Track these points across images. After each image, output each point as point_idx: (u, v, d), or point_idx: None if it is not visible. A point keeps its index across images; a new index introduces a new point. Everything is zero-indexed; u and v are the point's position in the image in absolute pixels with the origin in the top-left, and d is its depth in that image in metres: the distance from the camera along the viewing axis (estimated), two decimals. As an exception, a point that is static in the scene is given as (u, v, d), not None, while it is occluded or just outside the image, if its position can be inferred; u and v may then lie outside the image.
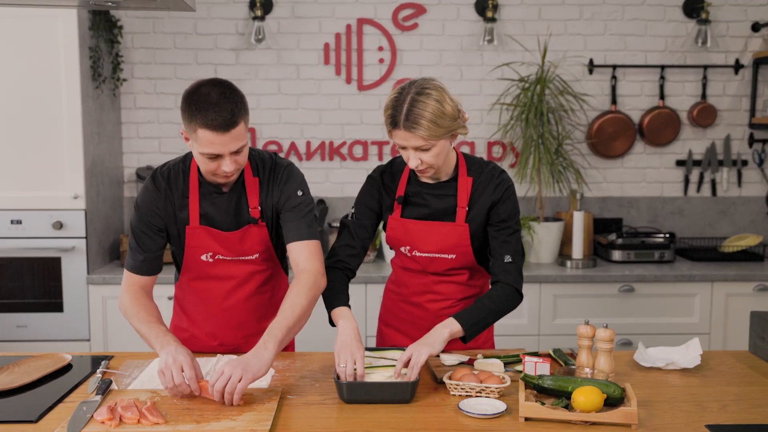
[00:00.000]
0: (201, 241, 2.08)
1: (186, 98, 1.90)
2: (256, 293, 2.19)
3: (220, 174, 1.96)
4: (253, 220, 2.08)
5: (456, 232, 2.11)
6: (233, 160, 1.92)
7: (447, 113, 1.93)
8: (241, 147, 1.92)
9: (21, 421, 1.71)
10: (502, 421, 1.71)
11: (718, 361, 2.17)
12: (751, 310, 2.36)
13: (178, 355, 1.81)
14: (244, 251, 2.11)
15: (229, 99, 1.87)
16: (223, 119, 1.85)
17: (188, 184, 2.07)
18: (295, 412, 1.77)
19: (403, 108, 1.92)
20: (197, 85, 1.91)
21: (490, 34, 3.94)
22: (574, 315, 3.56)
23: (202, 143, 1.88)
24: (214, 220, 2.08)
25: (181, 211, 2.07)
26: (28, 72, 3.39)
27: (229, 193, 2.08)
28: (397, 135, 1.96)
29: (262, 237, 2.11)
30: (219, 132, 1.85)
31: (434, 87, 1.94)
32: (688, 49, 4.07)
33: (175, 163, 2.12)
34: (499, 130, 3.98)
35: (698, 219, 4.18)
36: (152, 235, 2.08)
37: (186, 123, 1.90)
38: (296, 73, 4.02)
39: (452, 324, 1.97)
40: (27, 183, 3.45)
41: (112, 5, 2.21)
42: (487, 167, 2.14)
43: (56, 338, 3.50)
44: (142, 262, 2.09)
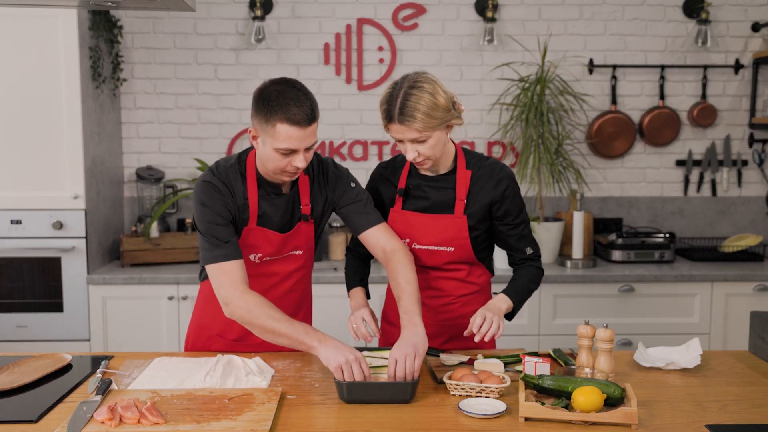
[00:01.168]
0: (254, 242, 2.11)
1: (261, 96, 1.94)
2: (291, 290, 2.22)
3: (289, 170, 1.99)
4: (305, 216, 2.14)
5: (455, 224, 2.14)
6: (305, 156, 1.98)
7: (440, 105, 1.98)
8: (314, 143, 1.99)
9: (21, 421, 1.71)
10: (502, 421, 1.71)
11: (718, 361, 2.17)
12: (751, 310, 2.36)
13: (352, 351, 1.86)
14: (290, 248, 2.16)
15: (306, 95, 1.96)
16: (304, 114, 1.92)
17: (247, 185, 2.07)
18: (295, 412, 1.77)
19: (396, 102, 1.98)
20: (269, 83, 1.97)
21: (490, 34, 3.94)
22: (574, 315, 3.56)
23: (280, 138, 1.92)
24: (271, 221, 2.10)
25: (242, 212, 2.08)
26: (28, 72, 3.39)
27: (286, 193, 2.12)
28: (393, 129, 2.01)
29: (309, 234, 2.18)
30: (300, 126, 1.92)
31: (426, 80, 1.99)
32: (688, 49, 4.07)
33: (230, 165, 2.08)
34: (499, 130, 3.98)
35: (698, 219, 4.18)
36: (227, 225, 2.03)
37: (263, 119, 1.93)
38: (296, 73, 4.02)
39: (506, 300, 2.12)
40: (27, 183, 3.45)
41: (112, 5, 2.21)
42: (486, 161, 2.18)
43: (56, 338, 3.50)
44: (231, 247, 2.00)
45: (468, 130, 4.07)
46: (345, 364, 1.82)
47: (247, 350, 2.24)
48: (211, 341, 2.24)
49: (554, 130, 3.88)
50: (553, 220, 3.86)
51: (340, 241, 3.90)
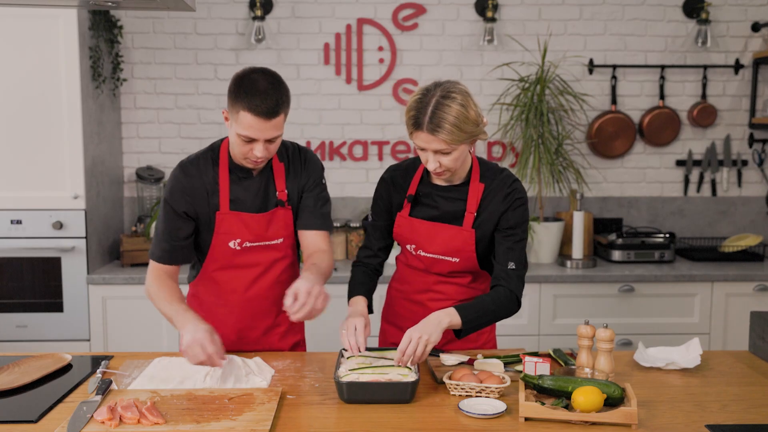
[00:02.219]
0: (230, 227, 2.13)
1: (236, 80, 1.99)
2: (278, 282, 2.23)
3: (250, 158, 2.05)
4: (281, 202, 2.17)
5: (461, 236, 2.11)
6: (266, 147, 2.02)
7: (470, 119, 1.93)
8: (276, 136, 2.02)
9: (21, 421, 1.71)
10: (502, 421, 1.71)
11: (718, 361, 2.17)
12: (751, 310, 2.36)
13: (197, 332, 1.90)
14: (270, 236, 2.18)
15: (276, 89, 1.98)
16: (267, 107, 1.95)
17: (218, 170, 2.13)
18: (295, 412, 1.77)
19: (427, 110, 1.92)
20: (249, 70, 2.01)
21: (490, 34, 3.94)
22: (574, 315, 3.56)
23: (241, 125, 1.97)
24: (243, 205, 2.14)
25: (212, 197, 2.13)
26: (28, 72, 3.39)
27: (258, 176, 2.16)
28: (419, 137, 1.95)
29: (287, 221, 2.19)
30: (261, 118, 1.95)
31: (460, 91, 1.94)
32: (688, 49, 4.07)
33: (202, 153, 2.18)
34: (499, 130, 3.98)
35: (698, 219, 4.18)
36: (182, 224, 2.13)
37: (231, 103, 1.99)
38: (296, 73, 4.02)
39: (453, 315, 1.96)
40: (27, 183, 3.45)
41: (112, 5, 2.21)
42: (500, 174, 2.13)
43: (56, 338, 3.50)
44: (168, 252, 2.14)
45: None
46: (188, 347, 1.90)
47: (242, 349, 2.26)
48: None
49: (554, 130, 3.88)
50: (553, 220, 3.86)
51: (340, 241, 3.90)
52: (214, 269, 2.21)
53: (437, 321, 1.93)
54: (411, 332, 1.90)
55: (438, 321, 1.93)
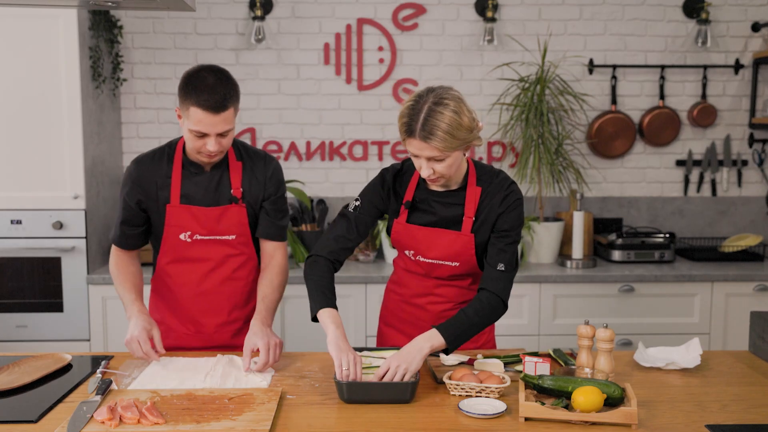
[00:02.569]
0: (180, 220, 2.21)
1: (185, 77, 2.07)
2: (231, 278, 2.28)
3: (203, 152, 2.11)
4: (235, 199, 2.22)
5: (461, 241, 2.10)
6: (218, 141, 2.08)
7: (464, 125, 1.90)
8: (227, 130, 2.08)
9: (21, 421, 1.71)
10: (502, 421, 1.72)
11: (718, 361, 2.17)
12: (751, 310, 2.36)
13: (136, 329, 2.05)
14: (222, 230, 2.23)
15: (223, 84, 2.05)
16: (214, 101, 2.02)
17: (172, 165, 2.22)
18: (295, 412, 1.77)
19: (419, 117, 1.89)
20: (198, 68, 2.09)
21: (490, 34, 3.93)
22: (574, 315, 3.55)
23: (192, 121, 2.05)
24: (194, 199, 2.21)
25: (163, 191, 2.21)
26: (28, 72, 3.39)
27: (210, 171, 2.23)
28: (412, 144, 1.93)
29: (240, 218, 2.25)
30: (209, 112, 2.02)
31: (453, 98, 1.91)
32: (688, 49, 4.07)
33: (159, 149, 2.27)
34: (499, 130, 3.98)
35: (698, 219, 4.18)
36: (134, 213, 2.25)
37: (181, 100, 2.07)
38: (296, 73, 4.02)
39: (434, 338, 1.92)
40: (27, 183, 3.45)
41: (112, 5, 2.22)
42: (497, 177, 2.11)
43: (56, 338, 3.50)
44: (126, 238, 2.28)
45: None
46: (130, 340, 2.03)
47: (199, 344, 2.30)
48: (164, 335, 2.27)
49: (554, 130, 3.88)
50: (553, 220, 3.86)
51: (340, 241, 3.90)
52: (167, 262, 2.27)
53: (418, 348, 1.89)
54: (391, 360, 1.86)
55: (419, 348, 1.89)
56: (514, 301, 3.52)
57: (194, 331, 2.30)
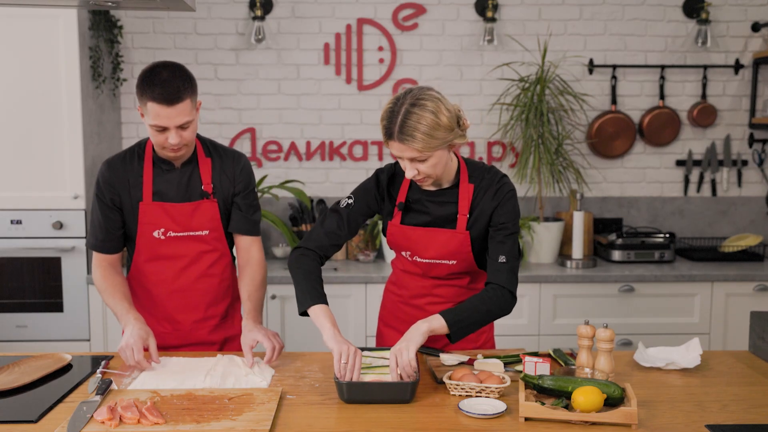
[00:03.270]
0: (153, 217, 2.23)
1: (140, 76, 2.10)
2: (206, 274, 2.30)
3: (167, 147, 2.14)
4: (206, 194, 2.25)
5: (456, 239, 2.10)
6: (178, 133, 2.11)
7: (442, 125, 1.89)
8: (186, 122, 2.10)
9: (21, 421, 1.71)
10: (502, 421, 1.71)
11: (718, 361, 2.17)
12: (751, 310, 2.36)
13: (131, 337, 2.04)
14: (195, 226, 2.25)
15: (177, 77, 2.08)
16: (168, 93, 2.05)
17: (143, 163, 2.24)
18: (295, 412, 1.77)
19: (397, 119, 1.89)
20: (153, 64, 2.12)
21: (490, 34, 3.93)
22: (574, 315, 3.55)
23: (150, 115, 2.08)
24: (166, 196, 2.24)
25: (135, 190, 2.24)
26: (28, 72, 3.39)
27: (181, 168, 2.25)
28: (392, 146, 1.94)
29: (212, 213, 2.27)
30: (165, 105, 2.05)
31: (430, 98, 1.90)
32: (688, 49, 4.07)
33: (129, 149, 2.29)
34: (499, 130, 3.98)
35: (698, 219, 4.18)
36: (112, 214, 2.25)
37: (139, 97, 2.10)
38: (296, 73, 4.02)
39: (434, 320, 1.93)
40: (27, 183, 3.45)
41: (112, 5, 2.22)
42: (488, 173, 2.11)
43: (56, 338, 3.50)
44: (104, 241, 2.27)
45: (468, 130, 4.06)
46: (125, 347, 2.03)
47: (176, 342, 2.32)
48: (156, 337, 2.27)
49: (554, 130, 3.88)
50: (553, 220, 3.86)
51: (340, 241, 3.90)
52: (143, 261, 2.28)
53: (416, 328, 1.92)
54: (393, 350, 1.88)
55: (416, 327, 1.92)
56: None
57: (171, 329, 2.32)
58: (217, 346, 2.35)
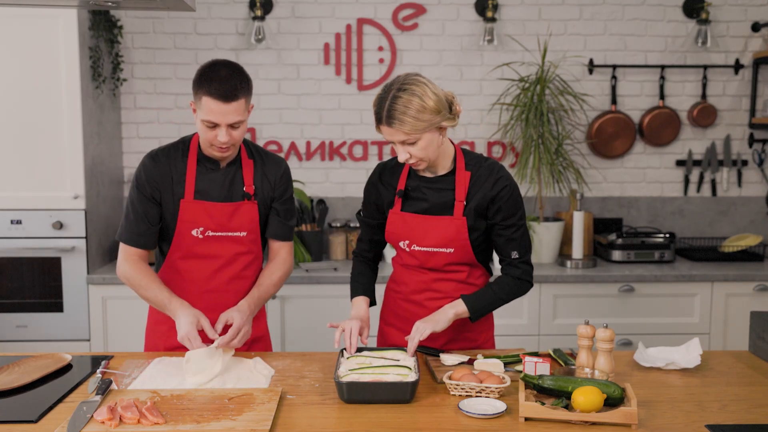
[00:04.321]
0: (193, 215, 2.22)
1: (199, 70, 2.12)
2: (239, 277, 2.29)
3: (216, 144, 2.13)
4: (248, 195, 2.25)
5: (454, 225, 2.14)
6: (228, 132, 2.11)
7: (428, 107, 1.98)
8: (238, 122, 2.11)
9: (21, 421, 1.71)
10: (502, 421, 1.71)
11: (718, 361, 2.17)
12: (751, 310, 2.36)
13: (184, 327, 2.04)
14: (234, 227, 2.25)
15: (235, 76, 2.09)
16: (225, 90, 2.05)
17: (187, 160, 2.23)
18: (295, 412, 1.77)
19: (385, 105, 2.00)
20: (212, 61, 2.13)
21: (490, 34, 3.94)
22: (574, 315, 3.56)
23: (204, 110, 2.08)
24: (208, 194, 2.23)
25: (178, 186, 2.23)
26: (28, 72, 3.39)
27: (225, 168, 2.25)
28: (383, 131, 2.04)
29: (252, 215, 2.26)
30: (220, 101, 2.05)
31: (416, 82, 2.00)
32: (688, 49, 4.07)
33: (173, 144, 2.29)
34: (499, 130, 3.98)
35: (698, 219, 4.18)
36: (152, 207, 2.23)
37: (195, 91, 2.10)
38: (296, 73, 4.02)
39: (458, 305, 2.11)
40: (27, 183, 3.45)
41: (112, 5, 2.22)
42: (486, 162, 2.17)
43: (56, 338, 3.50)
44: (141, 235, 2.23)
45: (468, 130, 4.07)
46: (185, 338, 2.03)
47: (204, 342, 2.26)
48: (168, 334, 2.29)
49: (554, 130, 3.88)
50: (553, 220, 3.86)
51: (340, 241, 3.91)
52: (178, 258, 2.27)
53: (443, 314, 2.09)
54: (419, 323, 2.06)
55: (444, 314, 2.09)
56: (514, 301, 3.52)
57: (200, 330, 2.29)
58: (245, 347, 2.32)
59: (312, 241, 3.82)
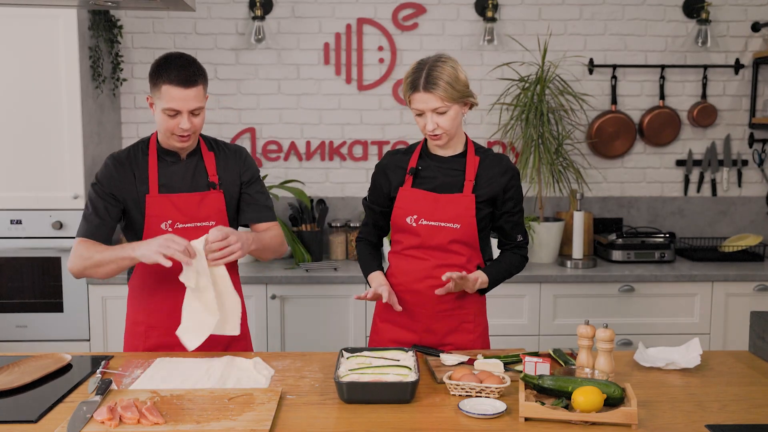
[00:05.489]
0: (160, 209, 2.24)
1: (154, 63, 2.18)
2: None
3: (177, 132, 2.18)
4: (213, 184, 2.29)
5: (462, 202, 2.24)
6: (190, 119, 2.17)
7: (461, 79, 2.16)
8: (198, 108, 2.17)
9: (21, 421, 1.71)
10: (502, 421, 1.72)
11: (718, 361, 2.17)
12: (751, 310, 2.37)
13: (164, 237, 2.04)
14: (202, 217, 2.27)
15: (192, 63, 2.18)
16: (185, 76, 2.13)
17: (147, 158, 2.28)
18: (295, 412, 1.77)
19: (422, 73, 2.14)
20: (166, 54, 2.21)
21: (490, 34, 3.94)
22: (574, 315, 3.55)
23: (164, 99, 2.14)
24: (172, 188, 2.29)
25: (142, 185, 2.26)
26: (28, 72, 3.39)
27: (186, 160, 2.30)
28: (416, 98, 2.15)
29: (219, 204, 2.29)
30: (181, 87, 2.12)
31: (449, 58, 2.20)
32: (688, 49, 4.07)
33: (133, 145, 2.33)
34: (499, 130, 3.98)
35: (698, 219, 4.18)
36: (110, 205, 2.25)
37: (152, 83, 2.17)
38: (296, 73, 4.02)
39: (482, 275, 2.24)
40: (27, 183, 3.45)
41: (112, 5, 2.23)
42: (492, 151, 2.33)
43: (56, 338, 3.50)
44: (97, 227, 2.23)
45: (468, 130, 4.07)
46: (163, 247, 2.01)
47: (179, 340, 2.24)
48: (146, 335, 2.30)
49: (554, 130, 3.88)
50: (553, 220, 3.86)
51: (340, 241, 3.90)
52: None
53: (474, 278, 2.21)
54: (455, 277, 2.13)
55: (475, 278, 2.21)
56: (514, 301, 3.53)
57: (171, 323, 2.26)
58: (222, 347, 2.31)
59: (312, 241, 3.82)
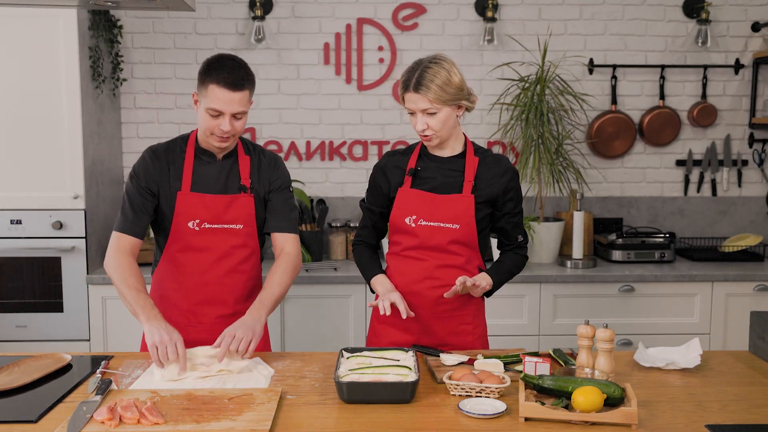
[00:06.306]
0: (189, 207, 2.25)
1: (206, 61, 2.20)
2: (235, 270, 2.31)
3: (217, 133, 2.19)
4: (244, 188, 2.30)
5: (462, 202, 2.23)
6: (231, 122, 2.17)
7: (453, 82, 2.15)
8: (241, 112, 2.18)
9: (21, 421, 1.71)
10: (502, 421, 1.71)
11: (718, 361, 2.17)
12: (751, 310, 2.36)
13: (172, 333, 2.00)
14: (229, 219, 2.28)
15: (241, 68, 2.20)
16: (234, 79, 2.15)
17: (185, 155, 2.29)
18: (295, 412, 1.77)
19: (415, 73, 2.15)
20: (220, 54, 2.24)
21: (490, 34, 3.93)
22: (574, 315, 3.56)
23: (209, 98, 2.15)
24: (204, 187, 2.28)
25: (176, 181, 2.28)
26: (28, 72, 3.39)
27: (222, 161, 2.30)
28: (408, 98, 2.17)
29: (248, 208, 2.30)
30: (227, 89, 2.13)
31: (445, 59, 2.19)
32: (688, 49, 4.07)
33: (172, 140, 2.35)
34: (499, 130, 3.98)
35: (698, 219, 4.18)
36: (146, 199, 2.27)
37: (200, 81, 2.18)
38: (296, 73, 4.02)
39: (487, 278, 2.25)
40: (27, 183, 3.45)
41: (112, 5, 2.23)
42: (491, 152, 2.33)
43: (56, 338, 3.50)
44: (132, 223, 2.25)
45: (468, 130, 4.07)
46: (159, 343, 1.96)
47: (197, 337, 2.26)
48: None
49: (554, 130, 3.88)
50: (553, 220, 3.86)
51: (340, 241, 3.90)
52: (175, 250, 2.29)
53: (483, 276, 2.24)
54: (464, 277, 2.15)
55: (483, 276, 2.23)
56: (514, 301, 3.53)
57: (195, 322, 2.31)
58: None
59: (312, 241, 3.82)
